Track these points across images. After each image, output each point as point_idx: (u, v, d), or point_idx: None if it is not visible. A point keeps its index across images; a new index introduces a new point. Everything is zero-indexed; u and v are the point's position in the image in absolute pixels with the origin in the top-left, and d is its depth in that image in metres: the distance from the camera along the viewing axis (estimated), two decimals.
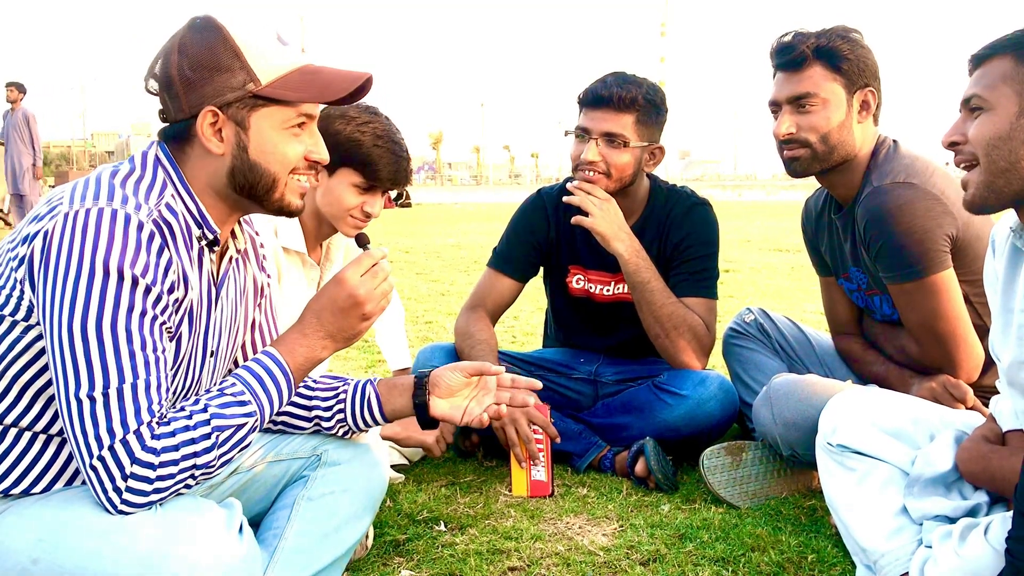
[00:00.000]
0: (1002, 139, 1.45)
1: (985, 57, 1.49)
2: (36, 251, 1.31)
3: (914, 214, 2.05)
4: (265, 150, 1.44)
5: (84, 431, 1.29)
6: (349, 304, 1.51)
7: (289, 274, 2.24)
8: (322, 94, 1.45)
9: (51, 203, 1.37)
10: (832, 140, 2.16)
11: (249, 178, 1.45)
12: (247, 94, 1.41)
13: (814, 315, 5.02)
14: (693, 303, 2.52)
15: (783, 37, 2.20)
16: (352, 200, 2.14)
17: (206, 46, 1.40)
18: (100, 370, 1.29)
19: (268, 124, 1.44)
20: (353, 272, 1.52)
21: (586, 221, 2.46)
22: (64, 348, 1.29)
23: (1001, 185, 1.46)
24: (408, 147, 2.19)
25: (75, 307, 1.28)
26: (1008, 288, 1.60)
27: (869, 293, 2.30)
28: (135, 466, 1.29)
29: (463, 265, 8.57)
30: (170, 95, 1.42)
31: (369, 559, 1.93)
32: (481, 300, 2.70)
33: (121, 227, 1.31)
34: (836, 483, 1.81)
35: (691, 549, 1.95)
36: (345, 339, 1.54)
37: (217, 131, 1.42)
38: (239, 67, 1.40)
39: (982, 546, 1.50)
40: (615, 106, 2.44)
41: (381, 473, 1.78)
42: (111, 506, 1.30)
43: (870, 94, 2.17)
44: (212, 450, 1.36)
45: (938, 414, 1.83)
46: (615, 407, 2.59)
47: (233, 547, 1.36)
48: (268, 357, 1.49)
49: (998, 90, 1.46)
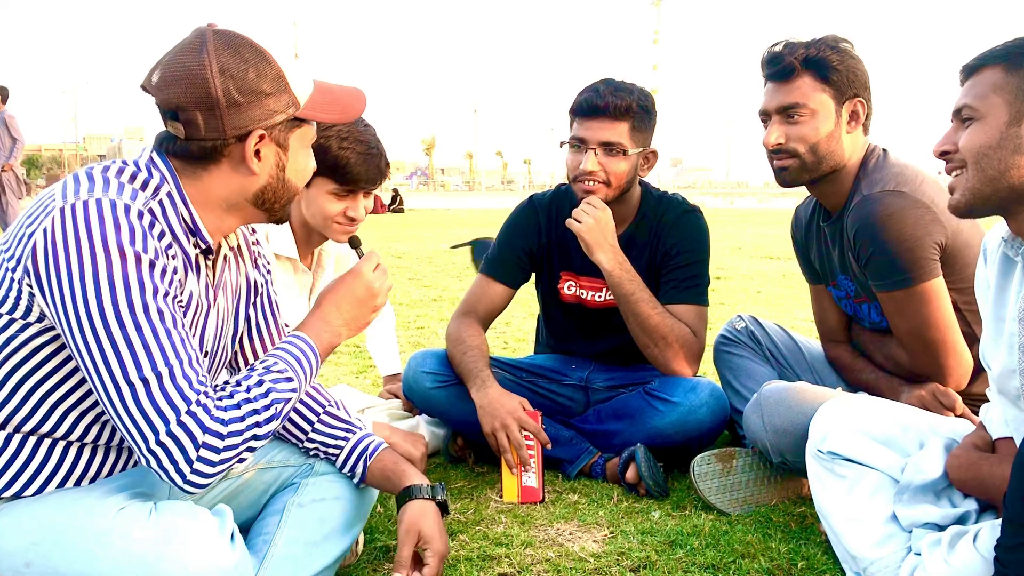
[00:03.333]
0: (992, 148, 1.46)
1: (976, 68, 1.51)
2: (38, 248, 1.30)
3: (904, 222, 2.06)
4: (298, 168, 1.51)
5: (144, 412, 1.30)
6: (366, 295, 1.63)
7: (281, 280, 2.24)
8: (345, 114, 1.53)
9: (43, 202, 1.37)
10: (821, 150, 2.17)
11: (279, 195, 1.50)
12: (291, 117, 1.45)
13: (805, 323, 5.04)
14: (683, 310, 2.53)
15: (773, 47, 2.21)
16: (334, 207, 2.13)
17: (255, 70, 1.40)
18: (143, 351, 1.30)
19: (299, 144, 1.50)
20: (367, 267, 1.65)
21: (575, 226, 2.47)
22: (98, 335, 1.29)
23: (988, 193, 1.48)
24: (380, 141, 2.14)
25: (100, 293, 1.29)
26: (1000, 296, 1.60)
27: (858, 300, 2.31)
28: (206, 435, 1.32)
29: (455, 271, 8.57)
30: (209, 115, 1.39)
31: (359, 565, 1.92)
32: (472, 306, 2.70)
33: (121, 212, 1.32)
34: (826, 490, 1.81)
35: (681, 556, 1.95)
36: (357, 327, 1.66)
37: (257, 152, 1.44)
38: (283, 91, 1.43)
39: (971, 554, 1.51)
40: (611, 115, 2.43)
41: None
42: (182, 480, 1.31)
43: (859, 104, 2.18)
44: (272, 421, 1.41)
45: (927, 422, 1.84)
46: (606, 413, 2.59)
47: (225, 553, 1.36)
48: (301, 340, 1.55)
49: (988, 100, 1.47)
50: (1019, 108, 1.45)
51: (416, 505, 1.70)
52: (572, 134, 2.50)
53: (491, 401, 2.40)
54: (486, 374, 2.48)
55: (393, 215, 23.92)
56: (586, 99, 2.46)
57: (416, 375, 2.60)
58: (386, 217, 22.52)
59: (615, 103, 2.42)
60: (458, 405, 2.54)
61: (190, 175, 1.45)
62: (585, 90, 2.49)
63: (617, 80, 2.50)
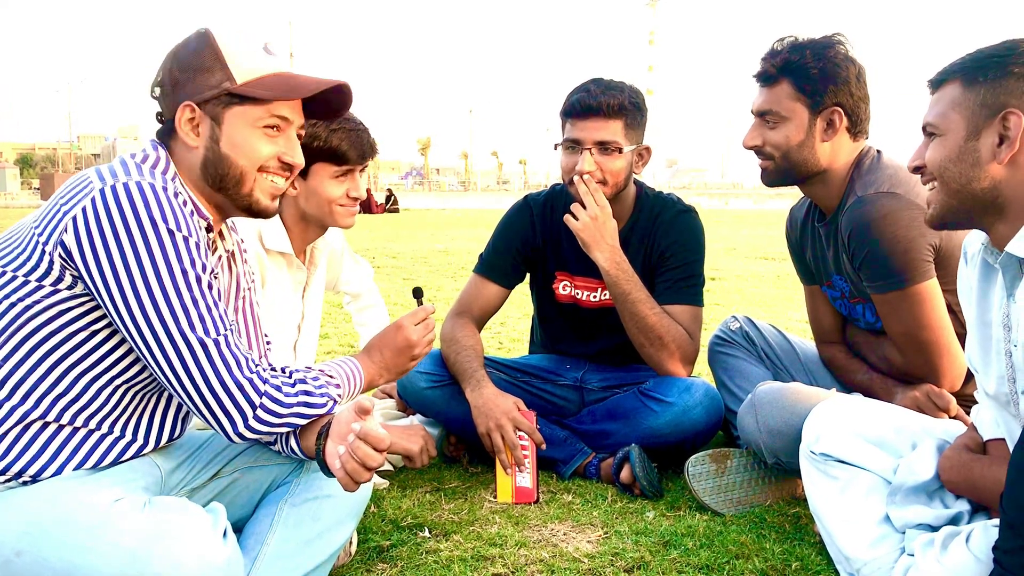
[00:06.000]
0: (952, 161, 1.51)
1: (939, 83, 1.55)
2: (79, 225, 1.39)
3: (897, 224, 2.06)
4: (235, 143, 1.56)
5: (213, 365, 1.44)
6: (404, 345, 1.83)
7: (274, 277, 2.24)
8: (289, 92, 1.57)
9: (77, 185, 1.45)
10: (792, 157, 2.20)
11: (220, 170, 1.56)
12: (223, 92, 1.53)
13: (799, 323, 5.05)
14: (678, 310, 2.53)
15: (770, 47, 2.22)
16: (336, 190, 2.21)
17: (193, 50, 1.54)
18: (198, 317, 1.43)
19: (241, 121, 1.55)
20: (409, 321, 1.84)
21: (573, 224, 2.47)
22: (156, 303, 1.40)
23: (955, 204, 1.53)
24: (362, 120, 2.25)
25: (156, 264, 1.40)
26: (982, 301, 1.61)
27: (852, 301, 2.32)
28: (267, 386, 1.49)
29: (450, 271, 8.56)
30: (163, 95, 1.56)
31: (353, 565, 1.92)
32: (467, 306, 2.70)
33: (161, 192, 1.43)
34: (819, 491, 1.82)
35: (676, 556, 1.95)
36: (396, 373, 1.86)
37: (195, 126, 1.54)
38: (219, 67, 1.53)
39: (964, 554, 1.51)
40: (604, 114, 2.43)
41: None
42: (243, 423, 1.47)
43: (836, 114, 2.17)
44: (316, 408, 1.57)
45: (920, 423, 1.84)
46: (601, 414, 2.59)
47: (217, 549, 1.36)
48: (353, 364, 1.76)
49: (948, 117, 1.52)
50: (975, 123, 1.48)
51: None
52: (566, 136, 2.49)
53: (486, 401, 2.40)
54: (481, 374, 2.48)
55: (388, 215, 23.92)
56: (578, 99, 2.45)
57: (410, 375, 2.59)
58: (381, 217, 22.52)
59: (608, 102, 2.42)
60: (452, 405, 2.54)
61: (174, 156, 1.58)
62: (576, 91, 2.48)
63: (606, 79, 2.50)
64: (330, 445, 1.56)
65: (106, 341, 1.47)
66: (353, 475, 1.52)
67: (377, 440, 1.51)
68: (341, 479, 1.54)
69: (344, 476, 1.53)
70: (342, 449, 1.53)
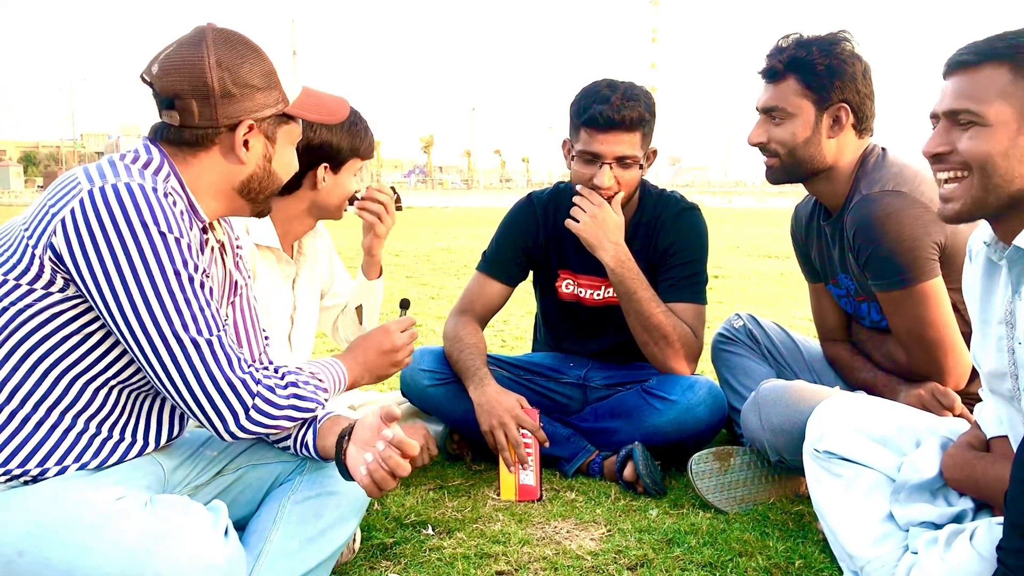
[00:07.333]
0: (1002, 156, 1.39)
1: (971, 64, 1.42)
2: (68, 226, 1.37)
3: (902, 222, 2.06)
4: (284, 161, 1.63)
5: (206, 365, 1.43)
6: (388, 349, 1.89)
7: (264, 271, 2.25)
8: (332, 116, 1.67)
9: (65, 185, 1.43)
10: (799, 154, 2.19)
11: (264, 184, 1.61)
12: (280, 112, 1.57)
13: (803, 321, 5.04)
14: (681, 308, 2.52)
15: (776, 43, 2.22)
16: (355, 184, 2.31)
17: (249, 65, 1.52)
18: (191, 317, 1.42)
19: (287, 140, 1.62)
20: (396, 327, 1.92)
21: (574, 226, 2.47)
22: (149, 303, 1.39)
23: (990, 201, 1.43)
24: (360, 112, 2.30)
25: (148, 265, 1.38)
26: (985, 299, 1.60)
27: (858, 299, 2.31)
28: (260, 387, 1.49)
29: (453, 269, 8.57)
30: (204, 104, 1.49)
31: (356, 563, 1.92)
32: (470, 304, 2.69)
33: (151, 194, 1.41)
34: (823, 489, 1.81)
35: (679, 554, 1.95)
36: (376, 376, 1.90)
37: (245, 142, 1.54)
38: (276, 88, 1.55)
39: (967, 552, 1.51)
40: (627, 127, 2.39)
41: None
42: (234, 422, 1.47)
43: (843, 110, 2.16)
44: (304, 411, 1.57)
45: (923, 421, 1.84)
46: (604, 411, 2.59)
47: (219, 548, 1.37)
48: (339, 366, 1.78)
49: (995, 106, 1.39)
50: None
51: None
52: (583, 147, 2.43)
53: (489, 399, 2.39)
54: (484, 372, 2.48)
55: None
56: (601, 112, 2.37)
57: (413, 373, 2.60)
58: None
59: (629, 115, 2.37)
60: (455, 403, 2.54)
61: (181, 161, 1.54)
62: (594, 98, 2.40)
63: (621, 84, 2.44)
64: (353, 450, 1.57)
65: (100, 343, 1.46)
66: (380, 483, 1.52)
67: (408, 448, 1.51)
68: (366, 486, 1.54)
69: (370, 483, 1.53)
70: (369, 456, 1.52)
